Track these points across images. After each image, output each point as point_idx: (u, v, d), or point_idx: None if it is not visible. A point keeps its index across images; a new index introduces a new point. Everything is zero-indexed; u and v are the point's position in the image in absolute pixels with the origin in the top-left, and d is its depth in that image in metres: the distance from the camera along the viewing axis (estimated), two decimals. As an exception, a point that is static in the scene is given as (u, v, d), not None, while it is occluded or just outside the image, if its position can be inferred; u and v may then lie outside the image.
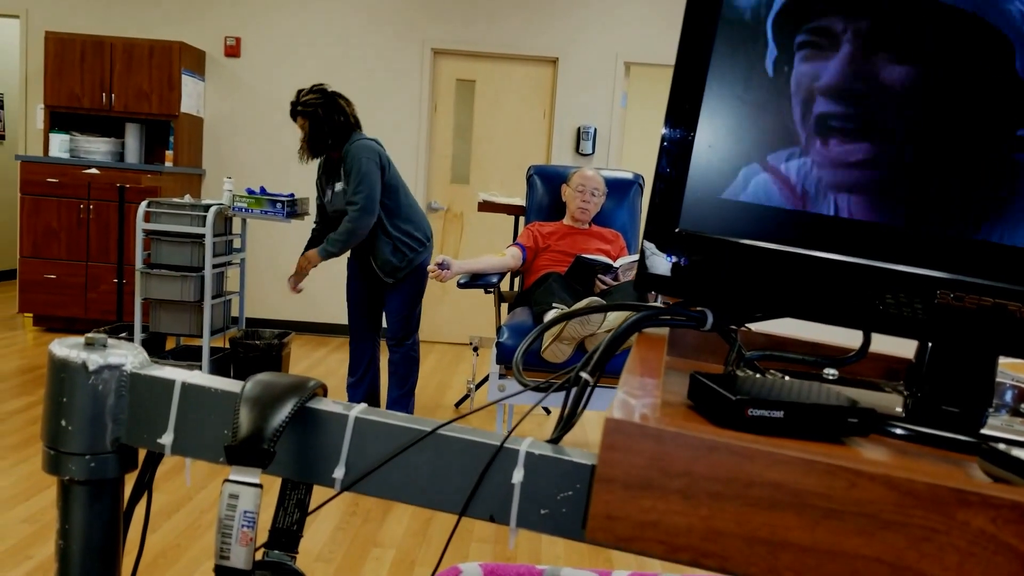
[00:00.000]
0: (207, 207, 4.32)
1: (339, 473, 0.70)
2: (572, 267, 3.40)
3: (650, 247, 0.77)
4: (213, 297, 4.39)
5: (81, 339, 0.74)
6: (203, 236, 4.29)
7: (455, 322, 6.56)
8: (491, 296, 3.88)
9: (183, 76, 6.07)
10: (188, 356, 4.60)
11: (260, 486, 0.66)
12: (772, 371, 0.81)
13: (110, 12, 6.43)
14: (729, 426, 0.61)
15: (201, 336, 4.36)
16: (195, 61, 6.29)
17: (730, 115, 0.76)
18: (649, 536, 0.45)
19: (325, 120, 3.69)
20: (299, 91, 3.76)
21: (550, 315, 3.11)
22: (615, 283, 3.40)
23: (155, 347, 4.58)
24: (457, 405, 4.62)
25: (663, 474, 0.44)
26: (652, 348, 0.68)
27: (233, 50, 6.43)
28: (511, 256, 3.65)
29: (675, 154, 0.76)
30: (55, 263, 5.90)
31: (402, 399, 4.03)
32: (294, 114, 3.75)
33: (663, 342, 0.73)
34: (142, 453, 0.77)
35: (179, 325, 4.39)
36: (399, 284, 3.81)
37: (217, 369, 4.51)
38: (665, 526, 0.44)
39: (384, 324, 4.00)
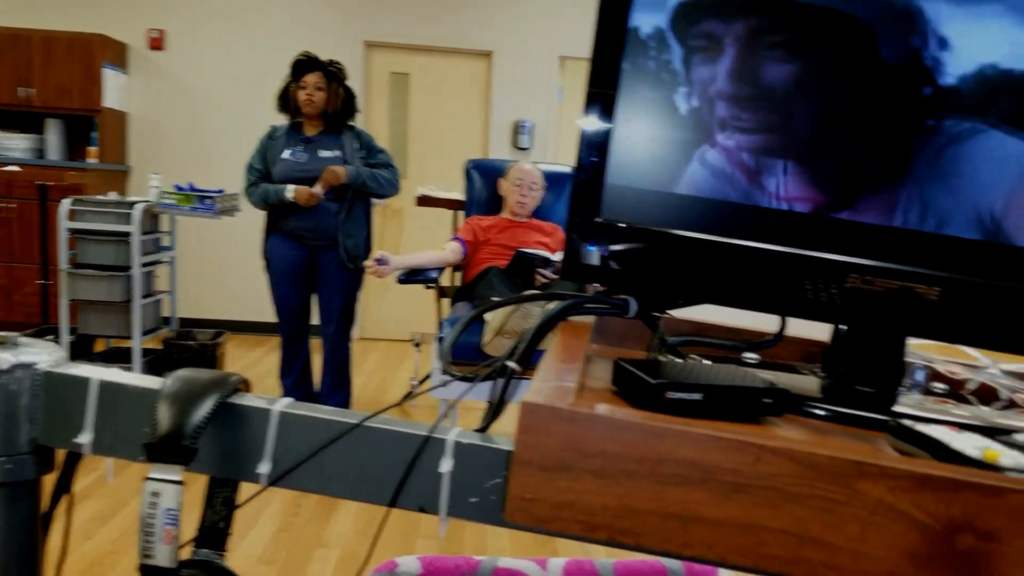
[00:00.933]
0: (133, 204, 4.22)
1: (264, 468, 0.69)
2: (512, 262, 3.41)
3: (574, 237, 0.78)
4: (143, 297, 4.29)
5: (-8, 338, 0.72)
6: (130, 234, 4.19)
7: (396, 319, 6.52)
8: (432, 291, 3.86)
9: (105, 70, 5.91)
10: (118, 358, 4.50)
11: (182, 483, 0.65)
12: (693, 356, 0.83)
13: (29, 4, 6.23)
14: (650, 410, 0.62)
15: (131, 337, 4.26)
16: (117, 54, 6.12)
17: (645, 108, 0.77)
18: (566, 516, 0.46)
19: (347, 91, 3.79)
20: (311, 57, 3.73)
21: (489, 312, 3.12)
22: (556, 276, 3.42)
23: (83, 349, 4.47)
24: (400, 403, 4.59)
25: (578, 455, 0.45)
26: (574, 336, 0.69)
27: (157, 43, 6.28)
28: (451, 251, 3.65)
29: (594, 145, 0.77)
30: (-24, 265, 5.70)
31: (346, 399, 4.01)
32: (327, 72, 3.70)
33: (587, 330, 0.74)
34: (62, 454, 0.76)
35: (108, 326, 4.29)
36: (353, 272, 3.75)
37: (149, 371, 4.42)
38: (581, 506, 0.45)
39: (318, 320, 3.92)
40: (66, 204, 4.22)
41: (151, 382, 0.72)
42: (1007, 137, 0.73)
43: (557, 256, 3.45)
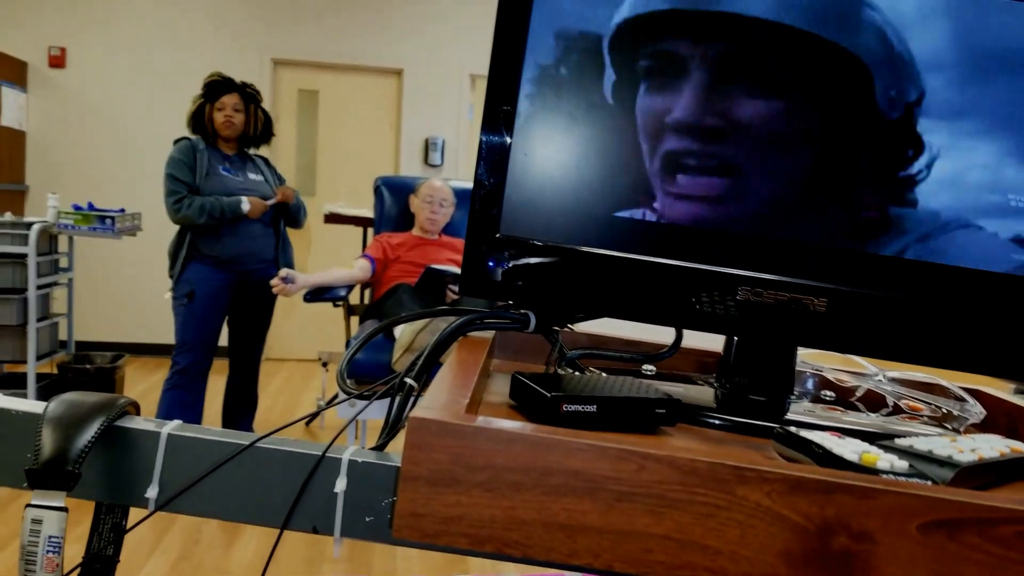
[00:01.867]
0: (30, 225, 4.06)
1: (152, 492, 0.67)
2: (422, 278, 3.40)
3: (473, 253, 0.78)
4: (38, 320, 4.12)
5: None
6: (26, 256, 4.02)
7: (303, 338, 6.41)
8: (340, 310, 3.81)
9: (3, 88, 5.68)
10: (13, 383, 4.29)
11: (65, 509, 0.63)
12: (592, 369, 0.84)
13: (-85, 16, 5.95)
14: (546, 422, 0.63)
15: (26, 362, 4.08)
16: (15, 72, 5.89)
17: (547, 127, 0.78)
18: (454, 530, 0.46)
19: (265, 114, 3.71)
20: (227, 78, 3.62)
21: (400, 328, 3.10)
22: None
23: (-26, 376, 4.25)
24: (307, 423, 4.51)
25: (466, 469, 0.45)
26: (471, 351, 0.69)
27: (58, 60, 6.07)
28: (360, 268, 3.61)
29: (492, 161, 0.78)
30: None
31: (252, 421, 3.92)
32: (244, 94, 3.59)
33: (485, 345, 0.74)
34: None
35: (1, 351, 4.10)
36: (270, 293, 3.58)
37: (44, 396, 4.23)
38: (469, 519, 0.45)
39: (231, 339, 3.82)
40: (-44, 225, 4.02)
41: (35, 406, 0.69)
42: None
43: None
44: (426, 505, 0.46)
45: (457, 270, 3.43)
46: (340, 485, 0.66)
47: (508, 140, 0.77)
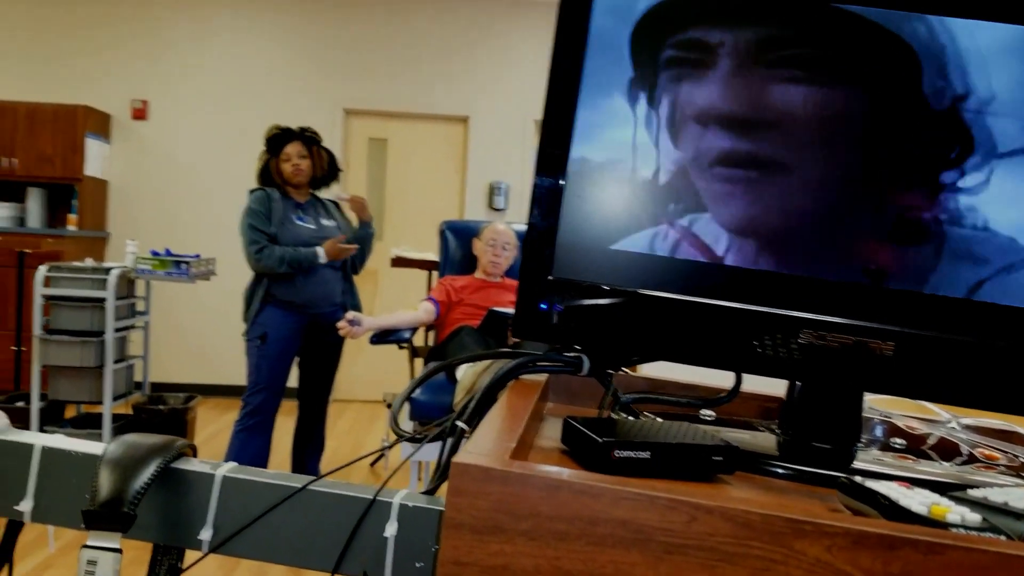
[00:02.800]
0: (109, 270, 4.20)
1: (206, 535, 0.68)
2: (485, 320, 3.40)
3: (525, 295, 0.78)
4: (115, 362, 4.24)
5: (-69, 405, 0.70)
6: (105, 300, 4.15)
7: (369, 379, 6.47)
8: (405, 352, 3.84)
9: (88, 139, 5.93)
10: (89, 424, 4.41)
11: (119, 551, 0.64)
12: (647, 413, 0.82)
13: (13, 76, 6.27)
14: (597, 469, 0.61)
15: (103, 403, 4.19)
16: (100, 124, 6.16)
17: (599, 164, 0.77)
18: (498, 580, 0.44)
19: (328, 153, 3.78)
20: (285, 128, 3.72)
21: (461, 370, 3.10)
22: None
23: (54, 415, 4.39)
24: (372, 464, 4.53)
25: (510, 516, 0.44)
26: (522, 394, 0.68)
27: (140, 113, 6.32)
28: (424, 311, 3.63)
29: (546, 204, 0.78)
30: (-52, 332, 5.63)
31: (319, 463, 3.95)
32: (305, 139, 3.67)
33: (536, 388, 0.73)
34: (2, 522, 0.74)
35: (79, 392, 4.22)
36: (338, 335, 3.58)
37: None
38: (513, 569, 0.44)
39: (301, 381, 3.87)
40: (42, 271, 4.19)
41: (94, 447, 0.70)
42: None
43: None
44: (469, 553, 0.45)
45: (521, 313, 3.42)
46: (391, 530, 0.65)
47: (561, 182, 0.77)
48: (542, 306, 0.77)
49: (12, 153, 5.84)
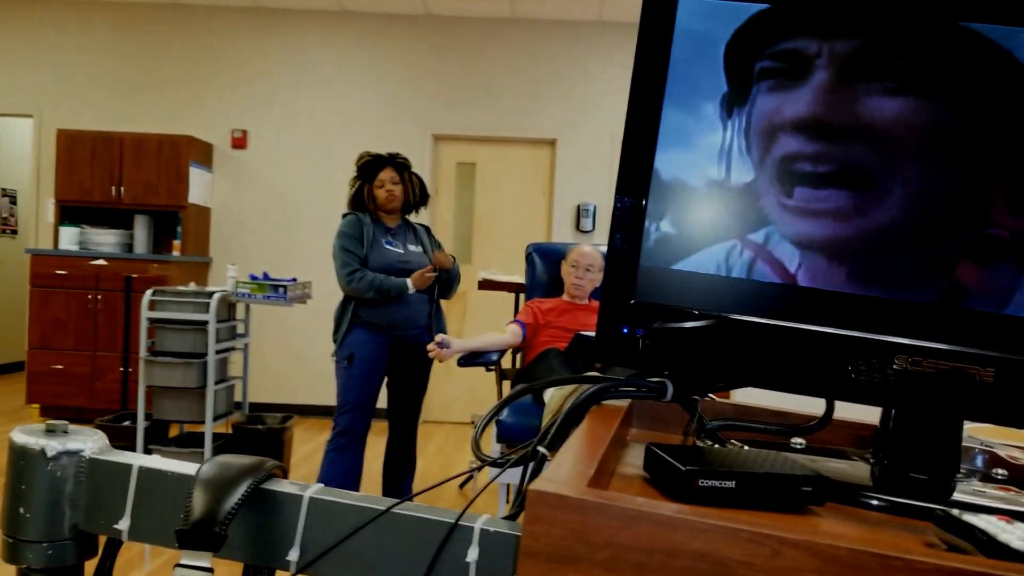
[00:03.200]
0: (211, 294, 4.35)
1: (294, 555, 0.69)
2: (571, 344, 3.39)
3: (607, 319, 0.77)
4: (216, 383, 4.39)
5: (42, 425, 0.74)
6: (207, 322, 4.31)
7: (458, 401, 6.53)
8: (493, 374, 3.86)
9: (191, 168, 6.20)
10: (191, 443, 4.57)
11: (211, 570, 0.66)
12: (734, 441, 0.80)
13: (119, 109, 6.61)
14: (680, 498, 0.60)
15: (204, 422, 4.34)
16: (203, 153, 6.42)
17: (682, 183, 0.77)
18: (576, 611, 0.44)
19: (418, 178, 3.87)
20: (378, 155, 3.81)
21: (548, 393, 3.10)
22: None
23: (159, 434, 4.56)
24: (461, 487, 4.55)
25: (587, 546, 0.44)
26: (603, 420, 0.68)
27: (240, 142, 6.58)
28: (511, 333, 3.65)
29: (627, 227, 0.77)
30: (62, 354, 5.93)
31: (412, 482, 3.99)
32: (396, 165, 3.77)
33: (618, 414, 0.72)
34: (103, 540, 0.77)
35: (182, 412, 4.38)
36: (426, 357, 3.65)
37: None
38: (591, 599, 0.44)
39: (390, 402, 3.93)
40: (147, 295, 4.37)
41: (188, 468, 0.73)
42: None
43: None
44: (546, 582, 0.44)
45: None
46: (472, 555, 0.65)
47: (643, 203, 0.76)
48: (624, 330, 0.76)
49: (120, 182, 6.14)
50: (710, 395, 0.82)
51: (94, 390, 5.91)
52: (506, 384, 3.96)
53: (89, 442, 0.75)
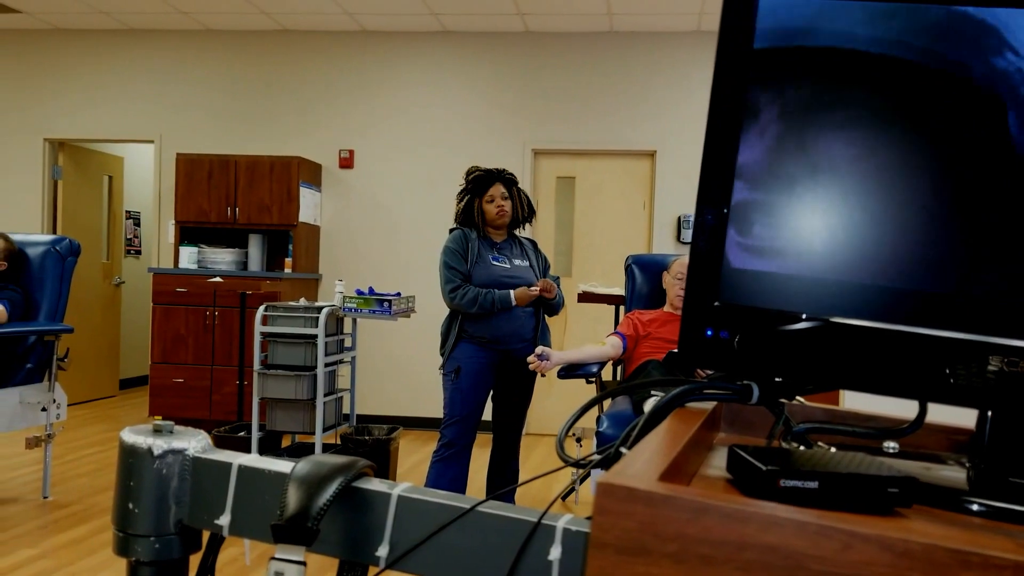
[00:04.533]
0: (320, 309, 4.50)
1: (383, 551, 0.72)
2: (667, 359, 3.36)
3: (690, 322, 0.77)
4: (325, 395, 4.52)
5: (150, 426, 0.79)
6: (316, 336, 4.45)
7: (560, 414, 6.53)
8: (593, 386, 3.85)
9: (301, 188, 6.43)
10: (302, 453, 4.73)
11: (303, 563, 0.68)
12: (821, 444, 0.78)
13: (234, 133, 6.91)
14: (762, 498, 0.60)
15: (314, 433, 4.48)
16: (312, 174, 6.66)
17: (764, 188, 0.76)
18: (644, 601, 0.44)
19: (526, 195, 3.92)
20: (490, 170, 3.84)
21: (649, 403, 3.07)
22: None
23: (272, 445, 4.73)
24: (563, 498, 4.55)
25: (656, 538, 0.44)
26: (684, 421, 0.68)
27: (347, 162, 6.78)
28: (611, 345, 3.64)
29: (710, 228, 0.77)
30: (183, 367, 6.23)
31: (513, 495, 4.01)
32: (505, 181, 3.81)
33: (700, 416, 0.72)
34: (206, 535, 0.81)
35: (293, 423, 4.53)
36: (530, 371, 3.64)
37: (329, 466, 4.59)
38: (659, 591, 0.44)
39: (495, 414, 3.96)
40: (260, 310, 4.56)
41: (284, 466, 0.76)
42: None
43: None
44: (614, 573, 0.45)
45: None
46: (555, 553, 0.66)
47: (725, 207, 0.76)
48: (708, 333, 0.76)
49: (235, 203, 6.42)
50: (798, 398, 0.80)
51: (212, 402, 6.19)
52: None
53: (192, 441, 0.79)
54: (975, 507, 0.66)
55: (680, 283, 3.67)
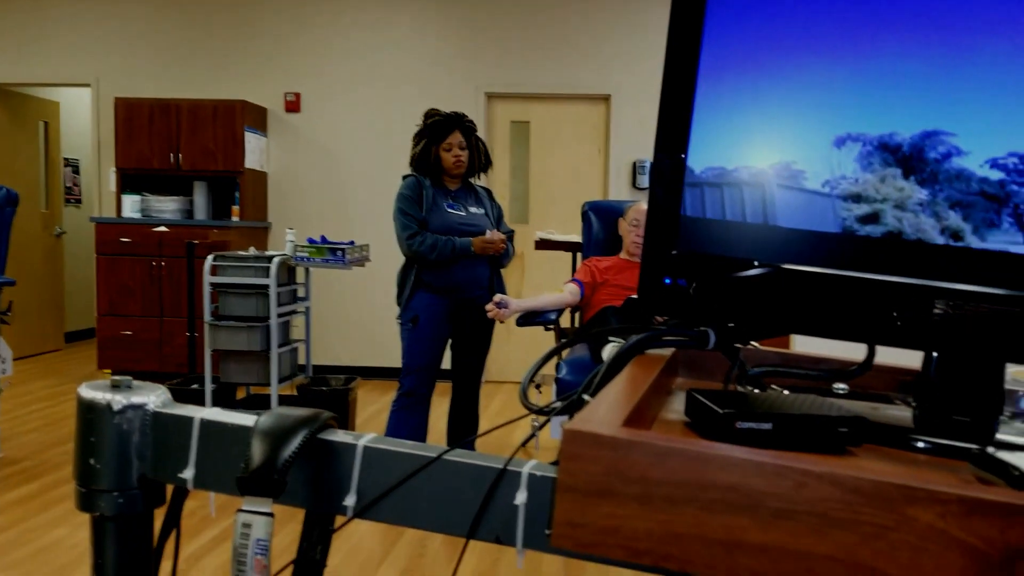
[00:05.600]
0: (271, 258, 4.45)
1: (350, 501, 0.73)
2: (624, 306, 3.39)
3: (649, 271, 0.78)
4: (279, 346, 4.50)
5: (107, 381, 0.78)
6: (268, 287, 4.41)
7: (518, 361, 6.59)
8: (552, 333, 3.88)
9: (246, 133, 6.30)
10: (257, 405, 4.71)
11: (271, 515, 0.69)
12: (774, 387, 0.81)
13: (175, 76, 6.73)
14: (720, 440, 0.62)
15: (269, 384, 4.46)
16: (257, 118, 6.52)
17: (721, 134, 0.77)
18: (611, 542, 0.46)
19: (483, 144, 3.85)
20: (450, 115, 3.75)
21: (607, 350, 3.11)
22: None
23: (226, 397, 4.70)
24: (524, 444, 4.62)
25: (621, 481, 0.46)
26: (644, 368, 0.69)
27: (293, 105, 6.65)
28: (569, 292, 3.66)
29: (667, 178, 0.78)
30: (130, 320, 6.13)
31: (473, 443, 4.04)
32: (465, 129, 3.73)
33: (660, 362, 0.74)
34: (170, 489, 0.81)
35: (248, 375, 4.51)
36: (488, 318, 3.64)
37: (285, 416, 4.59)
38: (625, 531, 0.46)
39: (453, 362, 3.99)
40: (209, 260, 4.49)
41: (247, 419, 0.76)
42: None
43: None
44: (582, 515, 0.47)
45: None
46: (520, 498, 0.68)
47: (682, 155, 0.77)
48: (666, 281, 0.77)
49: (178, 149, 6.28)
50: (752, 343, 0.83)
51: (162, 355, 6.12)
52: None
53: (152, 396, 0.79)
54: (920, 444, 0.69)
55: (636, 229, 3.70)
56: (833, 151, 0.74)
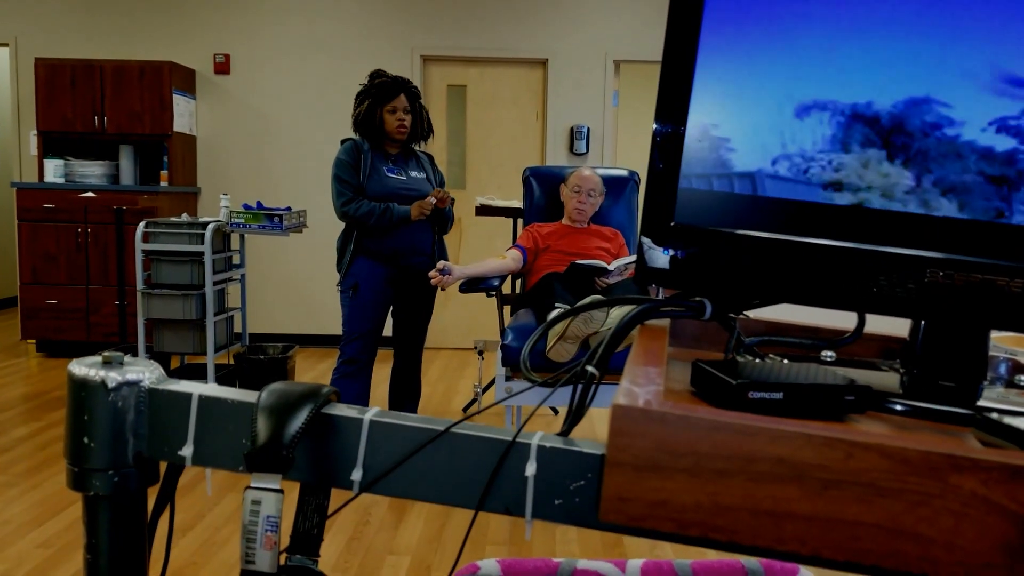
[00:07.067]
0: (205, 225, 4.34)
1: (357, 475, 0.72)
2: (567, 273, 3.42)
3: (647, 241, 0.79)
4: (215, 314, 4.41)
5: (99, 358, 0.76)
6: (202, 254, 4.31)
7: (459, 327, 6.59)
8: (494, 299, 3.89)
9: (174, 95, 6.10)
10: (193, 374, 4.63)
11: (281, 491, 0.68)
12: (771, 356, 0.83)
13: (99, 36, 6.46)
14: (732, 408, 0.63)
15: (205, 354, 4.38)
16: (185, 80, 6.32)
17: (720, 107, 0.78)
18: (660, 514, 0.47)
19: (426, 111, 3.79)
20: (396, 79, 3.67)
21: (553, 314, 3.14)
22: (617, 280, 3.41)
23: (160, 367, 4.59)
24: (465, 409, 4.64)
25: (670, 455, 0.47)
26: (654, 339, 0.70)
27: (223, 67, 6.46)
28: (511, 258, 3.67)
29: (666, 149, 0.78)
30: (56, 288, 5.92)
31: (416, 408, 4.04)
32: (408, 92, 3.66)
33: (664, 333, 0.75)
34: (163, 466, 0.79)
35: (183, 344, 4.42)
36: (430, 285, 3.63)
37: (222, 384, 4.53)
38: (674, 504, 0.47)
39: (395, 329, 3.97)
40: (140, 227, 4.36)
41: (247, 395, 0.75)
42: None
43: (614, 264, 3.43)
44: (631, 490, 0.47)
45: (601, 263, 3.43)
46: (530, 469, 0.68)
47: (681, 127, 0.78)
48: (666, 252, 0.78)
49: (103, 112, 6.05)
50: (745, 313, 0.84)
51: (90, 324, 5.93)
52: (507, 309, 4.00)
53: (147, 372, 0.77)
54: (915, 409, 0.71)
55: (578, 196, 3.72)
56: (794, 122, 0.76)
